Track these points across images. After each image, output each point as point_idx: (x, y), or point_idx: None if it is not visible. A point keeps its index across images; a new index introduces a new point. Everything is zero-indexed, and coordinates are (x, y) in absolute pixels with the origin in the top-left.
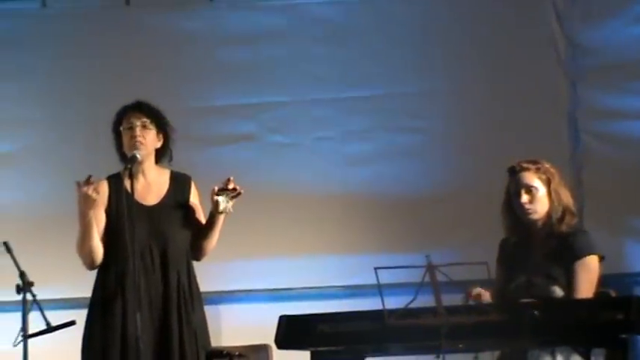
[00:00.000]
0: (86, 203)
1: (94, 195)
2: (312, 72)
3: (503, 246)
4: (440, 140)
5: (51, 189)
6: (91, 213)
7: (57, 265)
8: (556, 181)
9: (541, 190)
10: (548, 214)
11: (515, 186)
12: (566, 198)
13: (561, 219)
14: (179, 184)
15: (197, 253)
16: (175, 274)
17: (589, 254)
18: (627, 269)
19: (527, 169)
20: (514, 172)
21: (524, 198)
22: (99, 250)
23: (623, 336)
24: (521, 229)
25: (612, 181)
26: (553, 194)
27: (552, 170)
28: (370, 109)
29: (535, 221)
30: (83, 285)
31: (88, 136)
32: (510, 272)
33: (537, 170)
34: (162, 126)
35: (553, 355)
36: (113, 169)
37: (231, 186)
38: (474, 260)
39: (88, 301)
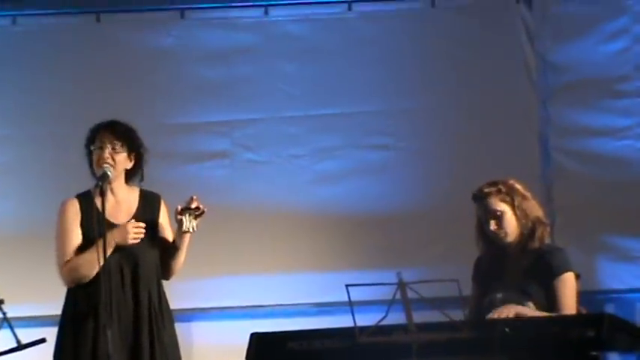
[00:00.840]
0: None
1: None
2: (284, 89)
3: (478, 264)
4: (411, 158)
5: (20, 206)
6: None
7: (27, 283)
8: (519, 196)
9: (507, 212)
10: (521, 232)
11: (482, 213)
12: (533, 210)
13: (532, 233)
14: (149, 202)
15: (165, 272)
16: (146, 293)
17: (566, 271)
18: (598, 286)
19: (489, 195)
20: (478, 199)
21: (492, 225)
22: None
23: (594, 353)
24: (496, 249)
25: (583, 198)
26: (519, 212)
27: (514, 186)
28: (341, 127)
29: (510, 242)
30: (54, 303)
31: (59, 154)
32: (485, 288)
33: (498, 192)
34: (134, 147)
35: None
36: (82, 187)
37: (194, 205)
38: (446, 277)
39: (58, 319)
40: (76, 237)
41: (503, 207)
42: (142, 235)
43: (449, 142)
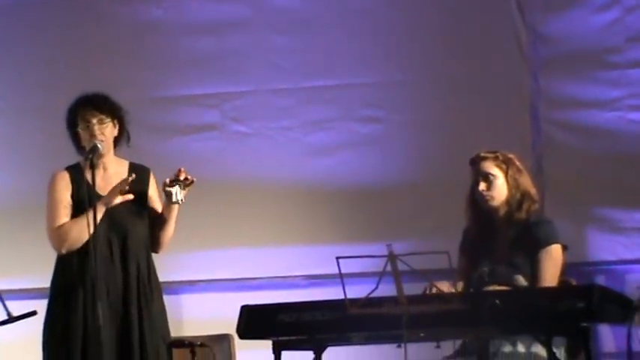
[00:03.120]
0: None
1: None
2: (275, 61)
3: (466, 234)
4: (402, 130)
5: (11, 179)
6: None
7: (18, 256)
8: (514, 167)
9: (499, 177)
10: (508, 201)
11: (475, 175)
12: (525, 184)
13: (519, 205)
14: (138, 175)
15: (155, 245)
16: (135, 265)
17: (553, 243)
18: (588, 258)
19: (485, 159)
20: (474, 163)
21: (482, 185)
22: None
23: (584, 324)
24: (484, 219)
25: (573, 169)
26: (510, 180)
27: (511, 157)
28: (332, 99)
29: (495, 208)
30: (45, 275)
31: (48, 127)
32: (473, 261)
33: (495, 159)
34: (115, 114)
35: (514, 343)
36: (74, 158)
37: (182, 176)
38: (436, 250)
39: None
40: (67, 205)
41: (496, 172)
42: (130, 196)
43: (440, 115)
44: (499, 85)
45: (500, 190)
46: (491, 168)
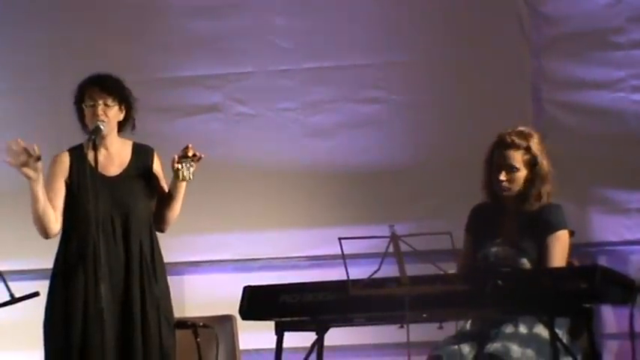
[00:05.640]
0: (27, 176)
1: (30, 174)
2: (276, 42)
3: (474, 214)
4: (403, 111)
5: None
6: (36, 184)
7: (21, 237)
8: (541, 164)
9: (522, 170)
10: (522, 192)
11: (499, 159)
12: (545, 178)
13: (537, 197)
14: (141, 154)
15: (160, 223)
16: (137, 245)
17: (563, 228)
18: (590, 239)
19: (516, 148)
20: (502, 146)
21: (502, 175)
22: (48, 219)
23: (587, 305)
24: (496, 201)
25: (576, 151)
26: (531, 176)
27: (539, 148)
28: (333, 80)
29: (509, 197)
30: (48, 256)
31: (52, 108)
32: (479, 241)
33: (526, 151)
34: (124, 98)
35: (516, 324)
36: (76, 140)
37: (190, 153)
38: (438, 230)
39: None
40: (56, 192)
41: (520, 166)
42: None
43: (441, 95)
44: (501, 66)
45: (518, 183)
46: (518, 161)
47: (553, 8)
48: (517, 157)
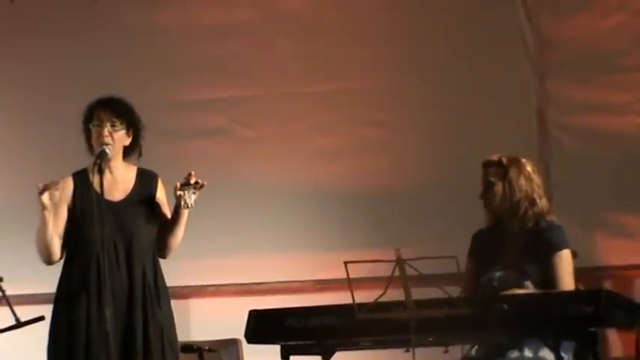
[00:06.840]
0: (42, 205)
1: (46, 202)
2: (282, 66)
3: (476, 239)
4: (408, 134)
5: (19, 183)
6: (49, 212)
7: (26, 261)
8: (516, 171)
9: (496, 184)
10: (502, 205)
11: (481, 180)
12: (526, 187)
13: (517, 208)
14: (145, 180)
15: (162, 250)
16: (140, 270)
17: (565, 248)
18: (596, 262)
19: (488, 165)
20: (483, 167)
21: (482, 192)
22: (54, 246)
23: (592, 329)
24: (496, 224)
25: (582, 174)
26: (507, 185)
27: (515, 161)
28: (338, 104)
29: (494, 214)
30: (53, 281)
31: (56, 133)
32: (482, 266)
33: (497, 165)
34: (132, 123)
35: (521, 348)
36: (79, 165)
37: (193, 180)
38: (444, 254)
39: None
40: (59, 217)
41: (494, 179)
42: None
43: (447, 119)
44: (506, 90)
45: (494, 197)
46: (491, 175)
47: (558, 31)
48: (491, 172)
